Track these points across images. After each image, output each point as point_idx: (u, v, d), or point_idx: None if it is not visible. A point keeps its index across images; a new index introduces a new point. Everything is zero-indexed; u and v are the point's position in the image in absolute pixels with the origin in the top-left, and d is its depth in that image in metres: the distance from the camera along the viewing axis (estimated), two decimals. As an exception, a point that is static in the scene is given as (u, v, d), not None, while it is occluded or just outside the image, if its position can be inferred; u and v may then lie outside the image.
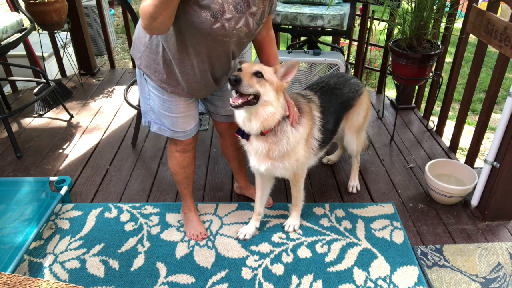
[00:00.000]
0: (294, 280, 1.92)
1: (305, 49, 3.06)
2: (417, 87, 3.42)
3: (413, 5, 2.62)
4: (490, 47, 3.62)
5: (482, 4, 3.67)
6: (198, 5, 1.48)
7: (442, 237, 2.19)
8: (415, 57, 2.64)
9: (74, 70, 3.98)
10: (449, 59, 4.89)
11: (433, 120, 3.23)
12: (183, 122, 1.88)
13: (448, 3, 2.84)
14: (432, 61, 2.69)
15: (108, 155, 2.88)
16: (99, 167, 2.74)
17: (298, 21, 2.76)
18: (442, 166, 2.53)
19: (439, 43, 2.82)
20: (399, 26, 2.77)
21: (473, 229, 2.25)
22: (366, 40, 3.68)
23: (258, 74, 1.66)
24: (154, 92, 1.81)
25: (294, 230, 2.19)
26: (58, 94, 3.40)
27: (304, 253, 2.06)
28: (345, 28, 2.84)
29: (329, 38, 4.31)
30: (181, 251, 2.08)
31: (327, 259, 2.02)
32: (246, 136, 1.83)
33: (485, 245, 2.12)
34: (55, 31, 3.58)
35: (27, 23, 3.05)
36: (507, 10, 5.33)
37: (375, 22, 3.45)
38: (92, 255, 2.04)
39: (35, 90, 3.22)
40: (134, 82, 3.25)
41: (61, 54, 3.96)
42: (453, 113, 4.19)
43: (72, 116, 3.37)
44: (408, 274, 1.95)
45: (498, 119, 2.65)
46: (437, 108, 3.44)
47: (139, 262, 2.01)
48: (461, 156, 3.37)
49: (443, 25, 2.83)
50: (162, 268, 1.98)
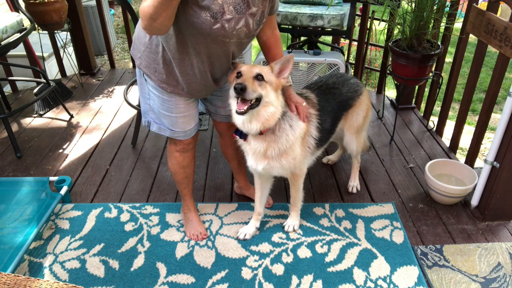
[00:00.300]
0: (294, 280, 1.92)
1: (305, 49, 3.07)
2: (417, 87, 3.42)
3: (413, 5, 2.62)
4: (490, 47, 3.62)
5: (482, 4, 3.67)
6: (198, 5, 1.48)
7: (442, 237, 2.19)
8: (415, 57, 2.64)
9: (74, 70, 3.98)
10: (449, 59, 4.89)
11: (433, 120, 3.23)
12: (182, 122, 1.89)
13: (448, 3, 2.84)
14: (432, 61, 2.69)
15: (108, 155, 2.88)
16: (99, 167, 2.74)
17: (298, 21, 2.76)
18: (442, 166, 2.53)
19: (439, 43, 2.82)
20: (399, 26, 2.77)
21: (473, 229, 2.25)
22: (366, 40, 3.68)
23: (259, 77, 1.66)
24: (154, 92, 1.81)
25: (294, 230, 2.19)
26: (58, 94, 3.40)
27: (304, 253, 2.06)
28: (345, 28, 2.84)
29: (329, 38, 4.31)
30: (181, 251, 2.08)
31: (327, 259, 2.02)
32: (244, 136, 1.84)
33: (485, 245, 2.12)
34: (55, 31, 3.58)
35: (27, 23, 3.05)
36: (507, 10, 5.33)
37: (375, 22, 3.45)
38: (92, 255, 2.04)
39: (35, 90, 3.22)
40: (134, 82, 3.25)
41: (61, 54, 3.96)
42: (453, 113, 4.19)
43: (72, 116, 3.37)
44: (408, 274, 1.95)
45: (498, 119, 2.65)
46: (437, 108, 3.44)
47: (139, 262, 2.01)
48: (461, 156, 3.37)
49: (443, 25, 2.83)
50: (162, 268, 1.98)
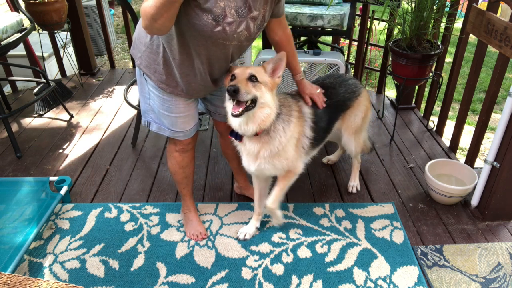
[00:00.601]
0: (294, 280, 1.92)
1: (305, 49, 3.06)
2: (417, 87, 3.41)
3: (413, 5, 2.62)
4: (490, 47, 3.62)
5: (482, 4, 3.67)
6: (200, 8, 1.48)
7: (442, 237, 2.19)
8: (415, 57, 2.64)
9: (74, 70, 3.98)
10: (449, 59, 4.89)
11: (433, 120, 3.23)
12: (182, 122, 1.89)
13: (448, 3, 2.84)
14: (432, 61, 2.69)
15: (108, 155, 2.88)
16: (99, 167, 2.74)
17: (298, 21, 2.76)
18: (442, 166, 2.53)
19: (439, 43, 2.82)
20: (399, 26, 2.77)
21: (473, 229, 2.25)
22: (366, 40, 3.68)
23: (253, 78, 1.66)
24: (154, 91, 1.81)
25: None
26: (58, 94, 3.40)
27: (304, 253, 2.06)
28: (345, 28, 2.84)
29: (329, 38, 4.31)
30: (181, 251, 2.08)
31: (327, 259, 2.02)
32: (239, 137, 1.84)
33: (485, 245, 2.12)
34: (55, 31, 3.58)
35: (27, 23, 3.05)
36: (507, 10, 5.33)
37: (375, 22, 3.45)
38: (92, 255, 2.04)
39: (35, 90, 3.22)
40: (134, 82, 3.25)
41: (61, 54, 3.96)
42: (453, 113, 4.18)
43: (72, 116, 3.37)
44: (408, 274, 1.95)
45: (498, 119, 2.65)
46: (437, 108, 3.44)
47: (139, 262, 2.01)
48: (461, 156, 3.37)
49: (443, 25, 2.83)
50: (162, 268, 1.98)
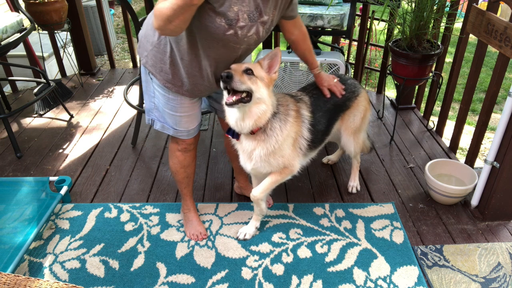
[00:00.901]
0: (294, 280, 1.92)
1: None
2: (417, 87, 3.41)
3: (413, 5, 2.62)
4: (490, 47, 3.62)
5: (482, 4, 3.67)
6: (214, 11, 1.49)
7: (442, 237, 2.19)
8: (415, 57, 2.64)
9: (74, 70, 3.98)
10: (449, 59, 4.89)
11: (433, 120, 3.23)
12: (186, 121, 1.89)
13: (448, 3, 2.84)
14: (432, 61, 2.69)
15: (108, 155, 2.88)
16: (99, 167, 2.74)
17: (298, 21, 2.76)
18: (442, 166, 2.53)
19: (439, 43, 2.82)
20: (399, 26, 2.77)
21: (473, 229, 2.25)
22: (366, 40, 3.68)
23: (248, 72, 1.67)
24: (159, 90, 1.82)
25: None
26: (58, 94, 3.40)
27: (304, 253, 2.06)
28: (345, 28, 2.84)
29: (329, 38, 4.31)
30: (181, 251, 2.08)
31: (327, 259, 2.02)
32: (236, 135, 1.85)
33: (485, 245, 2.12)
34: (55, 31, 3.58)
35: (27, 23, 3.05)
36: (507, 10, 5.33)
37: (375, 22, 3.45)
38: (92, 255, 2.04)
39: (35, 90, 3.22)
40: (134, 82, 3.25)
41: (61, 54, 3.96)
42: (453, 113, 4.19)
43: (72, 116, 3.37)
44: (408, 274, 1.95)
45: (498, 119, 2.65)
46: (437, 108, 3.44)
47: (139, 262, 2.01)
48: (461, 156, 3.37)
49: (443, 25, 2.83)
50: (162, 268, 1.98)
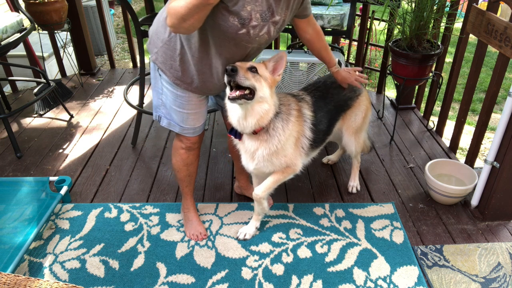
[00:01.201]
0: (294, 280, 1.92)
1: (305, 49, 3.06)
2: (417, 87, 3.41)
3: (413, 5, 2.62)
4: (490, 47, 3.62)
5: (482, 4, 3.67)
6: (228, 10, 1.50)
7: (442, 237, 2.19)
8: (415, 57, 2.64)
9: (74, 70, 3.98)
10: (449, 59, 4.89)
11: (433, 120, 3.23)
12: (193, 119, 1.90)
13: (448, 3, 2.84)
14: (432, 61, 2.69)
15: (108, 155, 2.88)
16: (99, 167, 2.74)
17: (298, 21, 2.76)
18: (442, 166, 2.53)
19: (439, 43, 2.82)
20: (399, 26, 2.77)
21: (473, 229, 2.25)
22: (366, 40, 3.68)
23: (253, 69, 1.68)
24: (167, 87, 1.82)
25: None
26: (58, 94, 3.40)
27: (304, 253, 2.06)
28: (345, 28, 2.84)
29: (329, 38, 4.31)
30: (181, 251, 2.08)
31: (327, 259, 2.02)
32: (238, 135, 1.85)
33: (485, 245, 2.12)
34: (55, 31, 3.58)
35: (27, 23, 3.05)
36: (507, 10, 5.33)
37: (375, 22, 3.45)
38: (92, 255, 2.04)
39: (35, 90, 3.22)
40: (134, 82, 3.25)
41: (61, 54, 3.96)
42: (453, 113, 4.19)
43: (72, 116, 3.37)
44: (408, 274, 1.95)
45: (498, 119, 2.65)
46: (437, 108, 3.44)
47: (139, 262, 2.01)
48: (461, 156, 3.37)
49: (443, 25, 2.83)
50: (162, 268, 1.98)
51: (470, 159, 2.68)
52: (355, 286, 1.89)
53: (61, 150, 2.93)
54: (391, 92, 4.91)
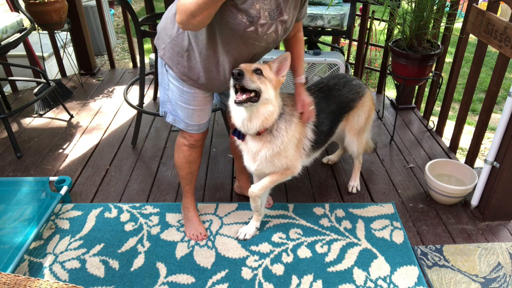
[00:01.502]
0: (294, 280, 1.92)
1: (305, 49, 3.06)
2: (417, 87, 3.41)
3: (413, 5, 2.62)
4: (490, 47, 3.62)
5: (482, 4, 3.67)
6: (236, 7, 1.51)
7: (442, 237, 2.19)
8: (415, 57, 2.64)
9: (74, 70, 3.98)
10: (449, 59, 4.89)
11: (433, 120, 3.23)
12: (198, 116, 1.90)
13: (448, 3, 2.84)
14: (432, 61, 2.69)
15: (108, 155, 2.88)
16: (99, 167, 2.74)
17: (298, 21, 2.76)
18: (442, 166, 2.53)
19: (439, 43, 2.82)
20: (399, 26, 2.77)
21: (473, 229, 2.25)
22: (366, 40, 3.68)
23: (258, 71, 1.68)
24: (174, 83, 1.83)
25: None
26: (58, 94, 3.40)
27: (304, 253, 2.06)
28: (345, 28, 2.84)
29: (329, 38, 4.31)
30: (181, 251, 2.08)
31: (327, 259, 2.02)
32: (242, 136, 1.85)
33: (485, 245, 2.12)
34: (55, 31, 3.58)
35: (27, 23, 3.05)
36: (507, 10, 5.33)
37: (375, 22, 3.45)
38: (92, 255, 2.04)
39: (35, 90, 3.22)
40: (134, 82, 3.25)
41: (61, 54, 3.96)
42: (453, 113, 4.19)
43: (72, 116, 3.37)
44: (408, 274, 1.95)
45: (498, 119, 2.65)
46: (437, 108, 3.44)
47: (139, 262, 2.01)
48: (461, 156, 3.37)
49: (443, 25, 2.83)
50: (162, 268, 1.98)
51: (470, 159, 2.68)
52: (355, 286, 1.89)
53: (61, 150, 2.93)
54: (391, 92, 4.91)
